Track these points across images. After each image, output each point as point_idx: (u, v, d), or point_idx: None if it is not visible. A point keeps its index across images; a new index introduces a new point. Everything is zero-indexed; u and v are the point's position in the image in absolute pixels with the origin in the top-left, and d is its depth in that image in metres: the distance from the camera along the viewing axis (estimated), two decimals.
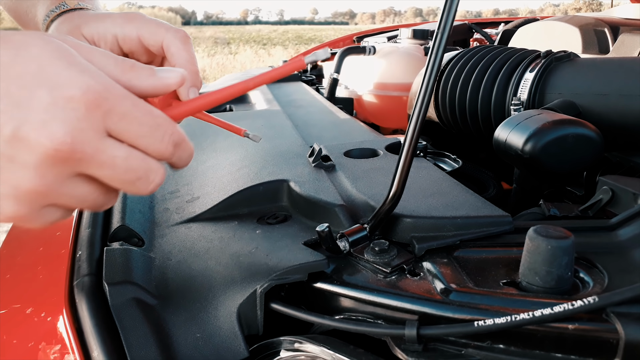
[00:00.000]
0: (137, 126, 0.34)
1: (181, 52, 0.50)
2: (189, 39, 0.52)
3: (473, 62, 0.90)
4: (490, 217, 0.46)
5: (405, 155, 0.43)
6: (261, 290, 0.42)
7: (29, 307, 0.46)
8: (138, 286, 0.44)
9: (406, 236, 0.46)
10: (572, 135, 0.59)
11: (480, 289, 0.39)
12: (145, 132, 0.34)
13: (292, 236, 0.50)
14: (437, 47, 0.43)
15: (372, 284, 0.41)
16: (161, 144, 0.35)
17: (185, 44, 0.51)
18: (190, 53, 0.51)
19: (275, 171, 0.62)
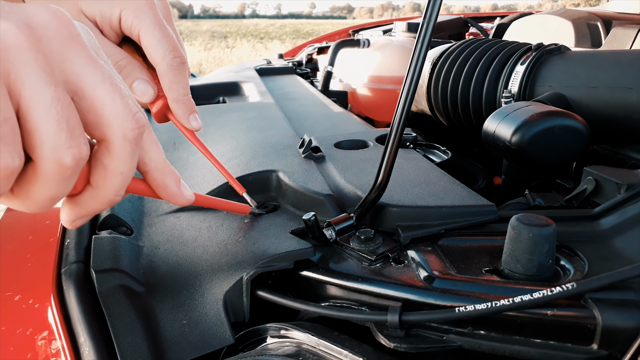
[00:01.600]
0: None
1: (173, 85, 0.50)
2: (184, 66, 0.51)
3: (465, 55, 0.91)
4: (475, 206, 0.46)
5: (391, 145, 0.43)
6: (247, 278, 0.42)
7: (17, 295, 0.46)
8: (125, 274, 0.44)
9: (392, 225, 0.46)
10: (559, 127, 0.59)
11: (462, 276, 0.39)
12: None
13: (280, 225, 0.50)
14: (422, 37, 0.43)
15: (357, 272, 0.42)
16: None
17: (179, 75, 0.50)
18: (184, 83, 0.51)
19: (264, 162, 0.62)
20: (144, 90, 0.50)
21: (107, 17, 0.50)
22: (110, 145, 0.31)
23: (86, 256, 0.47)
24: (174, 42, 0.49)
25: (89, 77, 0.30)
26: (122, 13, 0.49)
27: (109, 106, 0.31)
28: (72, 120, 0.29)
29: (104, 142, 0.31)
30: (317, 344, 0.39)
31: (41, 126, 0.28)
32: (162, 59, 0.48)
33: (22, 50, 0.28)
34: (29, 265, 0.50)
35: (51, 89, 0.28)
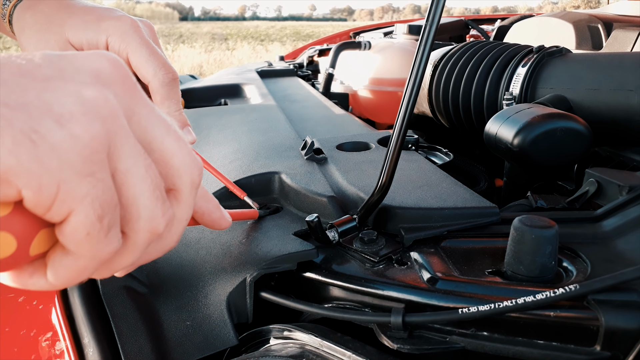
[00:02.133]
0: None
1: (165, 101, 0.50)
2: (176, 82, 0.51)
3: (466, 57, 0.91)
4: (478, 208, 0.46)
5: (394, 147, 0.44)
6: (251, 279, 0.42)
7: (21, 296, 0.46)
8: (129, 275, 0.44)
9: (395, 227, 0.46)
10: (561, 129, 0.59)
11: (465, 277, 0.39)
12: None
13: (282, 227, 0.50)
14: (425, 40, 0.43)
15: (360, 273, 0.42)
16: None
17: (171, 90, 0.50)
18: (176, 99, 0.51)
19: (267, 163, 0.62)
20: None
21: (94, 45, 0.50)
22: (180, 194, 0.30)
23: None
24: (163, 60, 0.50)
25: (156, 129, 0.28)
26: (109, 39, 0.50)
27: (178, 156, 0.29)
28: (161, 185, 0.28)
29: (172, 192, 0.30)
30: (320, 345, 0.39)
31: (138, 199, 0.26)
32: (154, 75, 0.49)
33: (114, 118, 0.25)
34: None
35: (142, 154, 0.26)
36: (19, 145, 0.21)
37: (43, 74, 0.23)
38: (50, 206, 0.22)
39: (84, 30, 0.49)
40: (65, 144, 0.22)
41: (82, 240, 0.23)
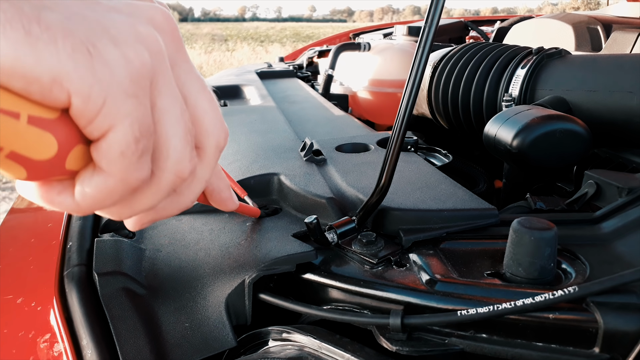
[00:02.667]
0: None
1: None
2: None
3: (466, 58, 0.91)
4: (477, 209, 0.46)
5: (393, 148, 0.44)
6: (249, 281, 0.42)
7: (19, 297, 0.46)
8: (127, 276, 0.44)
9: (394, 228, 0.46)
10: (560, 131, 0.59)
11: (464, 279, 0.39)
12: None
13: (281, 228, 0.50)
14: (424, 41, 0.43)
15: (358, 275, 0.42)
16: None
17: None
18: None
19: (266, 165, 0.62)
20: None
21: None
22: (204, 153, 0.31)
23: (88, 259, 0.47)
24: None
25: (193, 85, 0.29)
26: None
27: (209, 115, 0.30)
28: (191, 132, 0.29)
29: (198, 150, 0.30)
30: (319, 347, 0.39)
31: (170, 139, 0.27)
32: None
33: (161, 57, 0.26)
34: (31, 267, 0.50)
35: (180, 99, 0.27)
36: (78, 53, 0.22)
37: (107, 4, 0.25)
38: (93, 118, 0.23)
39: None
40: (117, 62, 0.23)
41: (116, 158, 0.24)
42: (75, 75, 0.22)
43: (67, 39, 0.22)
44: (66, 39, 0.22)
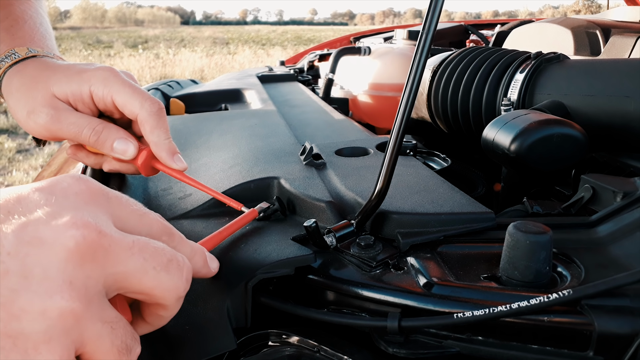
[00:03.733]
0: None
1: (155, 130, 0.54)
2: (163, 112, 0.55)
3: (465, 63, 0.91)
4: (474, 213, 0.47)
5: (391, 152, 0.44)
6: (249, 284, 0.43)
7: None
8: None
9: (392, 232, 0.47)
10: (557, 135, 0.60)
11: (461, 282, 0.40)
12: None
13: (281, 232, 0.51)
14: (422, 45, 0.44)
15: (356, 278, 0.42)
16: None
17: (159, 120, 0.54)
18: (165, 127, 0.55)
19: (266, 169, 0.63)
20: (125, 148, 0.55)
21: (78, 96, 0.55)
22: (167, 306, 0.34)
23: None
24: (146, 94, 0.54)
25: (131, 274, 0.31)
26: (92, 88, 0.54)
27: (158, 289, 0.32)
28: (126, 341, 0.31)
29: (160, 306, 0.34)
30: (317, 350, 0.40)
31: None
32: (140, 108, 0.53)
33: (78, 321, 0.28)
34: None
35: (107, 330, 0.30)
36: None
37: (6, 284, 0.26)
38: None
39: (68, 83, 0.54)
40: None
41: None
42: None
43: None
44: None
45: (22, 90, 0.55)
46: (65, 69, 0.55)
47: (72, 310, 0.27)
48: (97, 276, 0.29)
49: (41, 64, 0.56)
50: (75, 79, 0.54)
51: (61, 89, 0.54)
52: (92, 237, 0.29)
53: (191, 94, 1.24)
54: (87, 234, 0.29)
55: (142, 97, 0.53)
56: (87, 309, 0.28)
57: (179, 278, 0.33)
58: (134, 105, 0.53)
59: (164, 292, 0.32)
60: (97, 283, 0.29)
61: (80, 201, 0.31)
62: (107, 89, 0.53)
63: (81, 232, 0.28)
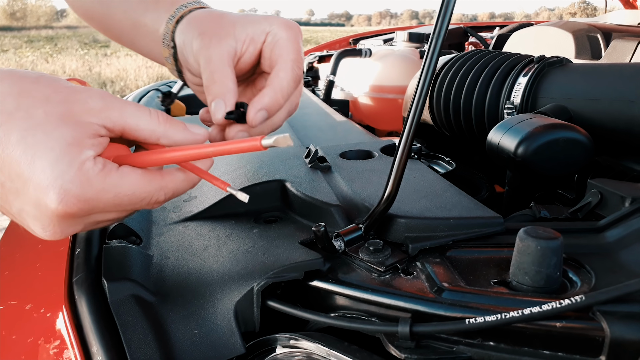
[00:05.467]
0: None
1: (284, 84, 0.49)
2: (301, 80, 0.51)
3: (468, 65, 0.91)
4: (482, 218, 0.47)
5: (400, 156, 0.44)
6: (258, 288, 0.43)
7: (28, 304, 0.46)
8: (136, 283, 0.45)
9: (400, 236, 0.47)
10: (563, 139, 0.60)
11: (471, 287, 0.40)
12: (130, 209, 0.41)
13: (288, 235, 0.51)
14: (432, 50, 0.44)
15: (366, 283, 0.42)
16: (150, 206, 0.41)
17: (296, 81, 0.50)
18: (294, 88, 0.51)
19: (271, 171, 0.63)
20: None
21: (258, 35, 0.50)
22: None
23: (97, 266, 0.47)
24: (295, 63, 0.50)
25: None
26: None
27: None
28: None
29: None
30: (327, 354, 0.40)
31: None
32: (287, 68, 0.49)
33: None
34: (39, 274, 0.50)
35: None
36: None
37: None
38: None
39: (253, 24, 0.50)
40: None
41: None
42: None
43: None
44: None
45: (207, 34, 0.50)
46: (235, 15, 0.52)
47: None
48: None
49: (214, 15, 0.52)
50: (261, 22, 0.50)
51: (244, 30, 0.50)
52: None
53: (192, 95, 1.23)
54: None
55: (293, 62, 0.50)
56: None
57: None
58: (287, 64, 0.49)
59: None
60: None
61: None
62: (284, 33, 0.50)
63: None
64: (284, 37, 0.49)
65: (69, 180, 0.35)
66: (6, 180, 0.35)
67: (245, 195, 0.42)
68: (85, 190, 0.35)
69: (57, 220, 0.36)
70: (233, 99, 0.47)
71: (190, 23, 0.51)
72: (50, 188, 0.34)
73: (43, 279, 0.49)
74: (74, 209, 0.35)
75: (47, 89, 0.37)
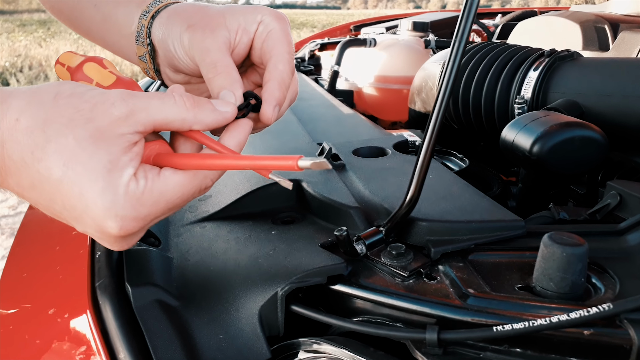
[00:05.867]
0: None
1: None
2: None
3: (477, 59, 0.91)
4: (504, 221, 0.47)
5: (423, 158, 0.44)
6: (282, 293, 0.43)
7: (51, 308, 0.46)
8: (160, 288, 0.45)
9: (421, 239, 0.47)
10: (578, 138, 0.60)
11: (496, 293, 0.40)
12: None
13: (307, 237, 0.51)
14: (457, 46, 0.43)
15: (390, 288, 0.42)
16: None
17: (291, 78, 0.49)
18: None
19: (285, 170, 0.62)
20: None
21: (250, 24, 0.49)
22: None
23: (118, 269, 0.47)
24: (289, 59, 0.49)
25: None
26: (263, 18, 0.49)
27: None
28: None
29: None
30: (352, 359, 0.40)
31: None
32: (282, 62, 0.48)
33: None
34: (60, 277, 0.50)
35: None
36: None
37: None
38: None
39: (243, 14, 0.49)
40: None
41: None
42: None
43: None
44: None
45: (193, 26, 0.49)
46: (222, 6, 0.51)
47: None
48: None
49: (195, 7, 0.51)
50: (251, 12, 0.49)
51: (235, 20, 0.49)
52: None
53: None
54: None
55: (288, 54, 0.49)
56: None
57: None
58: (282, 57, 0.48)
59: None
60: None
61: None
62: (276, 24, 0.49)
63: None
64: (277, 28, 0.48)
65: (121, 207, 0.36)
66: (62, 209, 0.37)
67: (290, 183, 0.43)
68: (139, 210, 0.37)
69: (121, 239, 0.38)
70: (240, 90, 0.46)
71: (172, 17, 0.50)
72: (107, 218, 0.36)
73: (64, 282, 0.49)
74: (135, 228, 0.37)
75: (68, 109, 0.36)
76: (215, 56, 0.46)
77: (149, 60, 0.52)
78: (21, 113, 0.35)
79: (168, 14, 0.50)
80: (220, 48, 0.47)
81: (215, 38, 0.47)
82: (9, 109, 0.35)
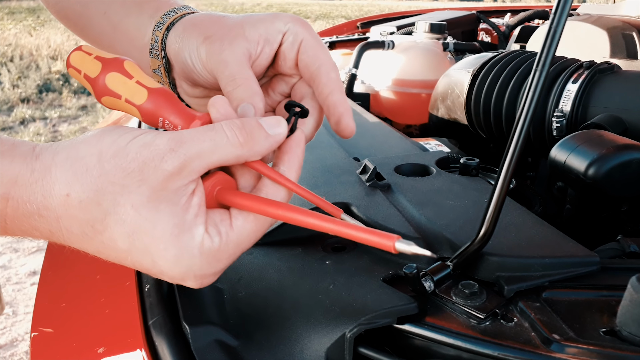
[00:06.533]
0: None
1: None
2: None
3: (510, 68, 0.89)
4: (578, 256, 0.45)
5: (499, 193, 0.42)
6: (350, 335, 0.40)
7: (100, 346, 0.44)
8: (218, 326, 0.42)
9: (490, 275, 0.45)
10: (636, 160, 0.58)
11: (584, 340, 0.38)
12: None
13: (365, 270, 0.48)
14: (540, 72, 0.41)
15: (467, 331, 0.40)
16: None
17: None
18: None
19: (330, 191, 0.60)
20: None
21: (272, 35, 0.47)
22: None
23: (171, 304, 0.45)
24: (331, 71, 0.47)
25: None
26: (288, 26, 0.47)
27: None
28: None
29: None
30: None
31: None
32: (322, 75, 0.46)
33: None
34: (107, 312, 0.47)
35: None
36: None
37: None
38: None
39: (263, 24, 0.46)
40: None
41: None
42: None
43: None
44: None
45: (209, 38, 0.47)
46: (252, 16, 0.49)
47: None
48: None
49: (211, 18, 0.49)
50: (273, 21, 0.47)
51: (255, 30, 0.47)
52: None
53: None
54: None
55: (327, 65, 0.47)
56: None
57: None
58: (316, 63, 0.46)
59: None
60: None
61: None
62: (302, 37, 0.46)
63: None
64: (308, 36, 0.46)
65: (199, 268, 0.35)
66: (142, 268, 0.36)
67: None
68: (217, 267, 0.36)
69: (202, 286, 0.38)
70: (261, 103, 0.44)
71: (188, 29, 0.47)
72: (186, 279, 0.36)
73: (112, 318, 0.46)
74: (213, 279, 0.38)
75: (117, 173, 0.33)
76: (233, 68, 0.44)
77: (163, 73, 0.50)
78: (70, 188, 0.33)
79: (184, 26, 0.48)
80: (239, 60, 0.45)
81: (234, 50, 0.45)
82: (55, 183, 0.33)
